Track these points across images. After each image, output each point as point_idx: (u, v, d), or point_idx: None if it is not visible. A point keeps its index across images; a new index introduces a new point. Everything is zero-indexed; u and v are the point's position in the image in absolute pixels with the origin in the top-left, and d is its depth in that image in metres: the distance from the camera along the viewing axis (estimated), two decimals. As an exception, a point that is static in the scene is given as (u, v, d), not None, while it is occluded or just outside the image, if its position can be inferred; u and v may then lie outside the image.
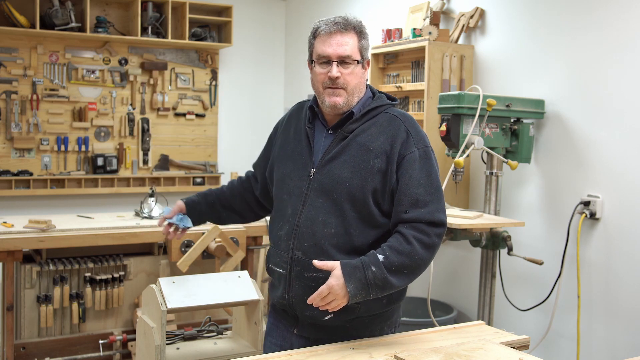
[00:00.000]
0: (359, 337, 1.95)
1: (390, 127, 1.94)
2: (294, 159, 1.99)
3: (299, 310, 1.95)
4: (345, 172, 1.89)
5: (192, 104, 5.52)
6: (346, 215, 1.88)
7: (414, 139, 1.92)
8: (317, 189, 1.91)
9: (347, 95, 1.93)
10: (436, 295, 3.94)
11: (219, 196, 2.25)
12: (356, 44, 1.93)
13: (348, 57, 1.91)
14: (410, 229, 1.84)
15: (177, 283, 2.38)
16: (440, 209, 1.88)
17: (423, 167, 1.89)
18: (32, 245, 3.43)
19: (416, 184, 1.86)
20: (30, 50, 4.92)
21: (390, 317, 2.02)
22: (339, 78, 1.90)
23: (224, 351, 2.49)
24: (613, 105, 2.92)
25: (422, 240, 1.83)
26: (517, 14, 3.43)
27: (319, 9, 5.39)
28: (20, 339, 3.51)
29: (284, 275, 1.96)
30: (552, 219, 3.23)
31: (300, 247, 1.91)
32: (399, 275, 1.82)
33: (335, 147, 1.94)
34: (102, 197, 5.25)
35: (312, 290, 1.85)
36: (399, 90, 3.92)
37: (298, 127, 2.05)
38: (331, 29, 1.91)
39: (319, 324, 1.94)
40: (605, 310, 2.96)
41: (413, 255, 1.82)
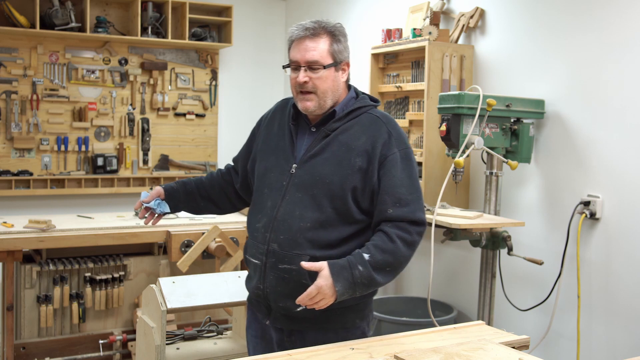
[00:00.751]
0: (332, 329, 2.01)
1: (372, 127, 2.00)
2: (277, 154, 2.05)
3: (272, 300, 2.00)
4: (326, 169, 1.95)
5: (192, 104, 5.52)
6: (324, 210, 1.94)
7: (396, 140, 1.98)
8: (297, 184, 1.97)
9: (318, 99, 1.99)
10: (436, 295, 3.94)
11: (198, 186, 2.28)
12: (327, 48, 1.99)
13: (315, 62, 1.97)
14: (393, 227, 1.92)
15: (177, 283, 2.39)
16: (420, 208, 1.97)
17: (404, 168, 1.96)
18: (32, 245, 3.43)
19: (399, 184, 1.94)
20: (30, 50, 4.92)
21: (362, 309, 2.07)
22: (307, 83, 1.97)
23: (224, 351, 2.49)
24: (613, 105, 2.92)
25: (404, 238, 1.92)
26: (517, 14, 3.43)
27: (319, 9, 5.39)
28: (20, 339, 3.51)
29: (259, 266, 2.01)
30: (552, 219, 3.23)
31: (276, 240, 1.97)
32: (383, 272, 1.90)
33: (317, 144, 2.00)
34: (102, 197, 5.25)
35: (285, 282, 1.94)
36: (399, 90, 3.93)
37: (282, 123, 2.10)
38: (301, 34, 1.98)
39: (291, 316, 1.99)
40: (605, 310, 2.96)
41: (396, 253, 1.91)
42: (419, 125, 3.80)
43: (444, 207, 3.19)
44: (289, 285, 1.96)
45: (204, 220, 3.91)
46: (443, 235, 3.09)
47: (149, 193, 2.23)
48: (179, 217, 4.00)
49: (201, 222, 3.86)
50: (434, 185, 3.55)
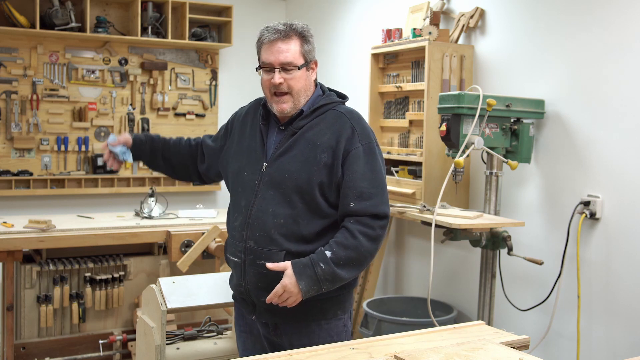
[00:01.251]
0: (314, 321, 2.08)
1: (337, 123, 2.05)
2: (249, 154, 2.12)
3: (254, 296, 2.07)
4: (294, 166, 2.01)
5: (192, 104, 5.52)
6: (295, 206, 2.00)
7: (359, 135, 2.03)
8: (268, 182, 2.03)
9: (293, 100, 2.05)
10: (436, 295, 3.94)
11: (163, 147, 2.38)
12: (298, 49, 2.04)
13: (289, 63, 2.02)
14: (355, 223, 1.97)
15: (177, 283, 2.39)
16: (383, 202, 2.01)
17: (367, 162, 2.01)
18: (32, 245, 3.43)
19: (360, 178, 1.99)
20: (30, 50, 4.92)
21: (342, 302, 2.13)
22: (282, 84, 2.02)
23: (224, 351, 2.49)
24: (613, 105, 2.92)
25: (366, 233, 1.96)
26: (517, 14, 3.43)
27: (319, 9, 5.39)
28: (20, 339, 3.51)
29: (239, 263, 2.08)
30: (552, 219, 3.23)
31: (252, 237, 2.03)
32: (346, 268, 1.95)
33: (285, 142, 2.06)
34: (102, 197, 5.25)
35: (264, 277, 2.01)
36: (399, 90, 3.93)
37: (254, 124, 2.16)
38: (272, 37, 2.02)
39: (275, 310, 2.04)
40: (605, 310, 2.96)
41: (358, 248, 1.95)
42: (419, 125, 3.80)
43: (444, 207, 3.19)
44: (268, 280, 2.01)
45: (204, 221, 3.91)
46: (443, 235, 3.09)
47: (116, 137, 2.32)
48: (179, 217, 4.00)
49: (201, 222, 3.86)
50: (434, 185, 3.55)
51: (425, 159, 3.57)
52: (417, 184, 3.60)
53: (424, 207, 3.20)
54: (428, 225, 3.01)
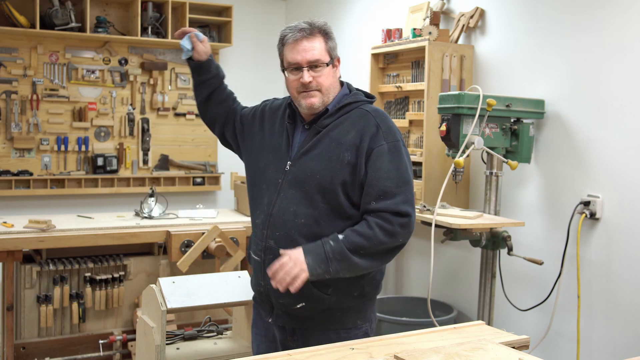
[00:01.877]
0: (332, 329, 2.02)
1: (361, 121, 2.01)
2: (274, 151, 2.08)
3: (273, 297, 2.03)
4: (317, 165, 1.97)
5: (192, 104, 5.51)
6: (317, 206, 1.96)
7: (384, 133, 1.98)
8: (291, 180, 2.00)
9: (322, 96, 2.01)
10: (436, 295, 3.94)
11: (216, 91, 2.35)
12: (323, 46, 2.01)
13: (317, 61, 1.99)
14: (374, 217, 1.92)
15: (177, 283, 2.39)
16: (407, 201, 1.94)
17: (392, 160, 1.95)
18: (32, 245, 3.43)
19: (384, 177, 1.93)
20: (30, 50, 4.92)
21: (363, 311, 2.07)
22: (311, 82, 1.99)
23: (224, 351, 2.49)
24: (613, 105, 2.92)
25: (383, 226, 1.90)
26: (517, 14, 3.43)
27: (319, 9, 5.39)
28: (20, 339, 3.51)
29: (259, 262, 2.05)
30: (552, 219, 3.23)
31: (273, 236, 2.00)
32: (356, 254, 1.89)
33: (309, 141, 2.02)
34: (102, 197, 5.25)
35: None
36: (399, 90, 3.93)
37: (282, 122, 2.13)
38: (297, 36, 1.99)
39: (292, 314, 2.01)
40: (605, 310, 2.96)
41: (372, 238, 1.89)
42: (419, 125, 3.80)
43: (444, 207, 3.19)
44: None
45: (204, 221, 3.91)
46: (443, 235, 3.09)
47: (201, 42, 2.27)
48: (179, 217, 4.00)
49: (201, 222, 3.86)
50: (434, 185, 3.55)
51: (425, 159, 3.57)
52: (417, 184, 3.60)
53: (424, 207, 3.20)
54: (428, 225, 3.01)
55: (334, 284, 1.98)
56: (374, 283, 2.08)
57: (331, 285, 1.98)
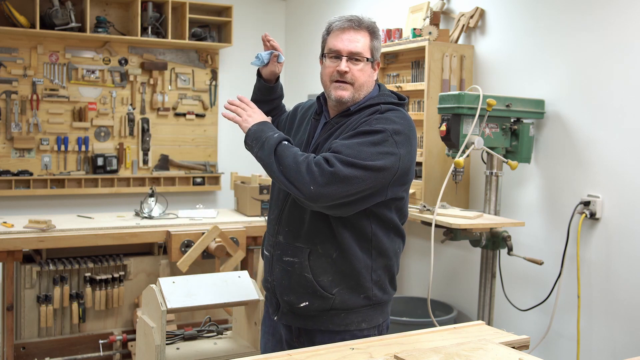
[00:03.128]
0: (336, 331, 1.99)
1: (366, 115, 1.96)
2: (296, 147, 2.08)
3: (278, 294, 2.02)
4: None
5: (192, 104, 5.52)
6: None
7: (376, 119, 1.91)
8: None
9: (353, 91, 1.97)
10: (436, 295, 3.94)
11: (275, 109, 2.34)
12: (368, 42, 1.99)
13: (359, 53, 1.96)
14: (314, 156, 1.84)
15: (177, 283, 2.38)
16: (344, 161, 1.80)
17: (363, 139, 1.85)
18: (32, 245, 3.43)
19: (342, 143, 1.85)
20: (30, 50, 4.92)
21: (369, 315, 2.02)
22: (347, 73, 1.95)
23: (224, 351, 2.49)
24: (613, 105, 2.92)
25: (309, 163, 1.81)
26: (517, 13, 3.43)
27: (319, 9, 5.39)
28: (20, 339, 3.51)
29: (269, 258, 2.06)
30: (552, 219, 3.23)
31: (282, 232, 2.00)
32: (277, 164, 1.84)
33: (322, 136, 2.01)
34: (102, 197, 5.25)
35: (289, 275, 1.96)
36: (399, 90, 3.92)
37: (309, 119, 2.12)
38: (344, 25, 1.98)
39: (297, 312, 2.00)
40: (605, 310, 2.96)
41: (295, 163, 1.82)
42: (419, 125, 3.79)
43: (444, 207, 3.19)
44: (292, 278, 1.96)
45: (204, 221, 3.91)
46: (443, 235, 3.09)
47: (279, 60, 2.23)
48: (179, 217, 4.00)
49: (201, 222, 3.86)
50: (434, 185, 3.55)
51: (425, 159, 3.57)
52: (417, 184, 3.60)
53: (424, 207, 3.20)
54: (428, 225, 3.01)
55: (340, 284, 1.96)
56: (383, 287, 2.02)
57: (337, 286, 1.96)
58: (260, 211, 4.06)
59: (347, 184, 1.80)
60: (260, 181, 4.10)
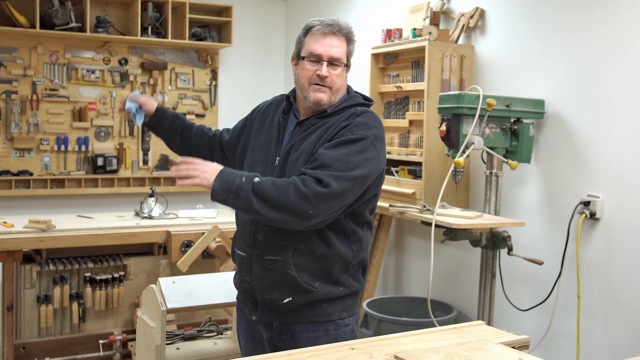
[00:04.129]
0: (319, 322, 2.03)
1: (344, 119, 2.02)
2: (264, 147, 2.10)
3: (258, 293, 2.03)
4: (300, 161, 1.98)
5: (192, 104, 5.52)
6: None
7: (355, 125, 1.98)
8: (279, 176, 2.01)
9: (331, 94, 2.04)
10: (436, 295, 3.94)
11: (184, 128, 2.37)
12: (345, 48, 2.06)
13: (338, 59, 2.04)
14: (298, 176, 1.88)
15: (177, 283, 2.39)
16: (336, 177, 1.84)
17: (347, 147, 1.91)
18: (32, 245, 3.43)
19: (331, 155, 1.89)
20: (30, 50, 4.92)
21: (348, 304, 2.09)
22: (327, 77, 2.02)
23: (224, 351, 2.49)
24: (613, 105, 2.92)
25: (298, 187, 1.83)
26: (517, 13, 3.43)
27: (319, 9, 5.39)
28: (20, 339, 3.51)
29: (245, 258, 2.06)
30: (552, 219, 3.23)
31: (262, 231, 2.01)
32: (261, 200, 1.83)
33: (297, 137, 2.04)
34: (102, 197, 5.25)
35: (271, 273, 1.99)
36: (399, 90, 3.93)
37: (274, 118, 2.15)
38: (326, 30, 2.02)
39: (277, 309, 2.02)
40: (605, 310, 2.96)
41: (282, 194, 1.82)
42: (419, 125, 3.80)
43: (444, 207, 3.19)
44: (274, 276, 1.99)
45: (204, 221, 3.91)
46: (443, 235, 3.09)
47: (140, 96, 2.31)
48: (179, 217, 4.00)
49: (201, 222, 3.86)
50: (434, 185, 3.55)
51: (425, 159, 3.57)
52: (417, 184, 3.60)
53: (424, 207, 3.20)
54: (428, 225, 3.01)
55: (321, 278, 2.01)
56: (358, 278, 2.11)
57: (319, 279, 2.01)
58: (260, 211, 4.05)
59: (340, 198, 1.88)
60: (260, 181, 4.09)
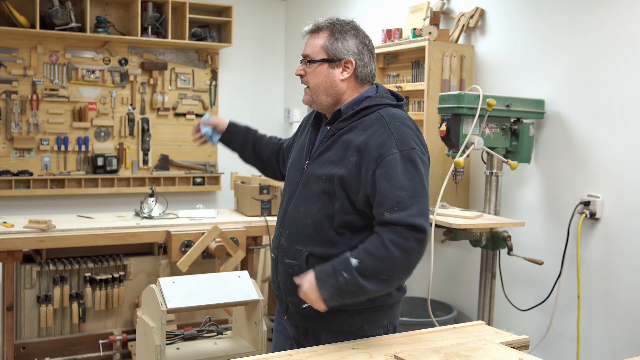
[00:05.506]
0: (340, 331, 1.99)
1: (374, 126, 1.95)
2: (299, 151, 2.12)
3: (284, 294, 2.06)
4: (327, 167, 1.97)
5: (192, 104, 5.52)
6: (323, 206, 1.96)
7: (397, 140, 1.89)
8: (305, 180, 2.02)
9: (311, 94, 2.03)
10: (436, 295, 3.94)
11: (256, 139, 2.41)
12: (321, 43, 1.99)
13: (306, 55, 2.02)
14: (389, 232, 1.81)
15: (177, 283, 2.38)
16: (421, 213, 1.83)
17: (407, 170, 1.86)
18: (32, 245, 3.43)
19: (398, 187, 1.84)
20: (30, 50, 4.92)
21: (372, 317, 2.00)
22: (302, 77, 2.03)
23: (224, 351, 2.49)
24: (613, 105, 2.92)
25: (398, 243, 1.79)
26: (517, 13, 3.43)
27: (318, 9, 5.39)
28: (20, 339, 3.51)
29: (274, 259, 2.10)
30: (552, 219, 3.23)
31: (284, 234, 2.03)
32: (374, 280, 1.80)
33: (325, 142, 2.03)
34: (102, 197, 5.25)
35: (290, 276, 1.99)
36: (399, 90, 3.92)
37: (310, 123, 2.17)
38: (304, 30, 2.05)
39: (303, 313, 2.02)
40: (605, 310, 2.96)
41: (389, 260, 1.79)
42: (419, 125, 3.79)
43: (444, 207, 3.19)
44: (293, 280, 1.97)
45: (204, 221, 3.91)
46: (443, 235, 3.09)
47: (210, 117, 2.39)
48: (179, 217, 4.00)
49: (201, 222, 3.86)
50: (434, 185, 3.54)
51: (425, 159, 3.56)
52: (417, 184, 3.60)
53: (424, 207, 3.19)
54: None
55: None
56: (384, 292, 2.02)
57: None
58: (260, 211, 4.05)
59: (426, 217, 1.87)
60: (260, 181, 4.10)
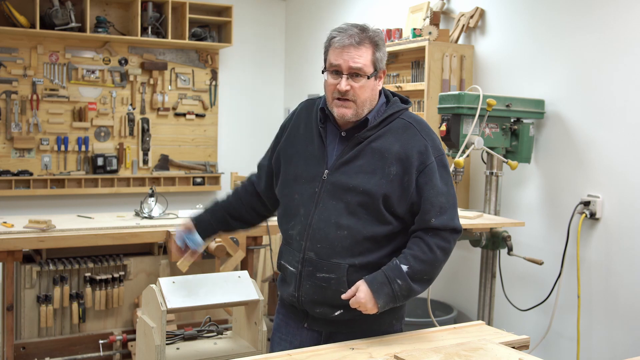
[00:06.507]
0: (369, 330, 1.98)
1: (406, 134, 1.95)
2: (307, 158, 2.00)
3: (308, 307, 1.99)
4: (360, 177, 1.91)
5: (192, 104, 5.52)
6: (359, 218, 1.91)
7: (432, 148, 1.95)
8: (330, 191, 1.93)
9: (356, 108, 1.92)
10: (436, 295, 3.94)
11: (227, 209, 2.25)
12: (370, 57, 1.91)
13: (359, 70, 1.89)
14: (434, 236, 1.91)
15: (177, 283, 2.38)
16: (457, 215, 1.98)
17: (442, 175, 1.95)
18: (32, 245, 3.42)
19: (439, 193, 1.93)
20: (30, 50, 4.92)
21: (398, 310, 2.05)
22: (348, 91, 1.90)
23: (224, 351, 2.49)
24: (613, 105, 2.92)
25: (442, 246, 1.92)
26: (517, 14, 3.43)
27: (318, 9, 5.39)
28: (20, 339, 3.51)
29: (295, 274, 1.99)
30: (552, 219, 3.23)
31: (313, 248, 1.94)
32: (421, 282, 1.91)
33: (349, 151, 1.95)
34: (102, 197, 5.25)
35: (323, 290, 1.93)
36: (399, 90, 3.92)
37: (309, 126, 2.04)
38: (345, 42, 1.89)
39: (329, 319, 1.98)
40: (605, 310, 2.96)
41: (435, 262, 1.91)
42: (419, 125, 3.80)
43: (444, 207, 3.18)
44: (326, 293, 1.94)
45: (204, 220, 3.90)
46: (443, 235, 3.08)
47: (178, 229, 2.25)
48: (179, 217, 3.99)
49: (201, 222, 3.86)
50: (434, 185, 3.55)
51: (425, 159, 3.56)
52: (417, 184, 3.60)
53: (424, 207, 3.19)
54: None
55: None
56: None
57: None
58: (260, 211, 4.05)
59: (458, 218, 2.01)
60: (260, 181, 4.09)
